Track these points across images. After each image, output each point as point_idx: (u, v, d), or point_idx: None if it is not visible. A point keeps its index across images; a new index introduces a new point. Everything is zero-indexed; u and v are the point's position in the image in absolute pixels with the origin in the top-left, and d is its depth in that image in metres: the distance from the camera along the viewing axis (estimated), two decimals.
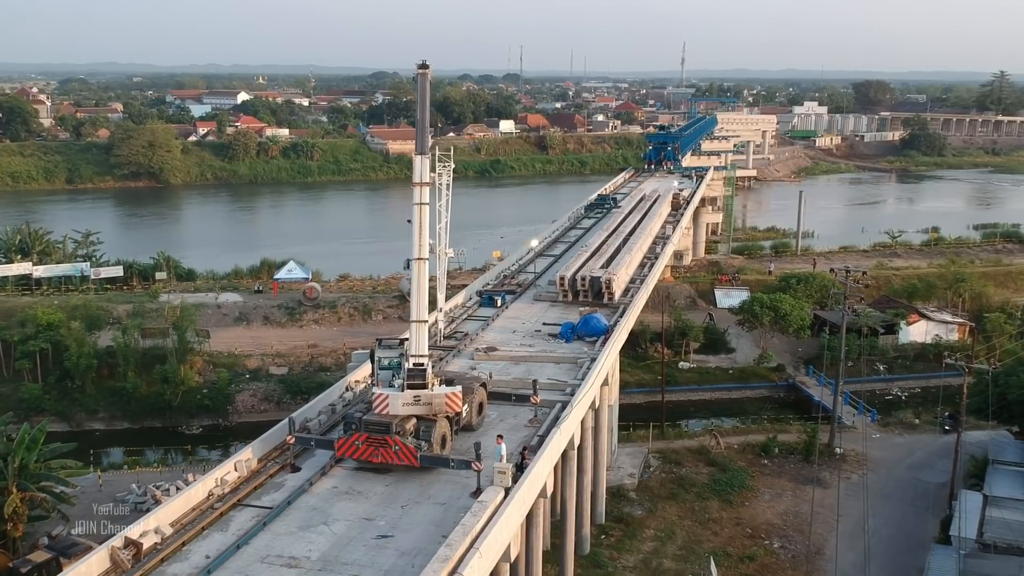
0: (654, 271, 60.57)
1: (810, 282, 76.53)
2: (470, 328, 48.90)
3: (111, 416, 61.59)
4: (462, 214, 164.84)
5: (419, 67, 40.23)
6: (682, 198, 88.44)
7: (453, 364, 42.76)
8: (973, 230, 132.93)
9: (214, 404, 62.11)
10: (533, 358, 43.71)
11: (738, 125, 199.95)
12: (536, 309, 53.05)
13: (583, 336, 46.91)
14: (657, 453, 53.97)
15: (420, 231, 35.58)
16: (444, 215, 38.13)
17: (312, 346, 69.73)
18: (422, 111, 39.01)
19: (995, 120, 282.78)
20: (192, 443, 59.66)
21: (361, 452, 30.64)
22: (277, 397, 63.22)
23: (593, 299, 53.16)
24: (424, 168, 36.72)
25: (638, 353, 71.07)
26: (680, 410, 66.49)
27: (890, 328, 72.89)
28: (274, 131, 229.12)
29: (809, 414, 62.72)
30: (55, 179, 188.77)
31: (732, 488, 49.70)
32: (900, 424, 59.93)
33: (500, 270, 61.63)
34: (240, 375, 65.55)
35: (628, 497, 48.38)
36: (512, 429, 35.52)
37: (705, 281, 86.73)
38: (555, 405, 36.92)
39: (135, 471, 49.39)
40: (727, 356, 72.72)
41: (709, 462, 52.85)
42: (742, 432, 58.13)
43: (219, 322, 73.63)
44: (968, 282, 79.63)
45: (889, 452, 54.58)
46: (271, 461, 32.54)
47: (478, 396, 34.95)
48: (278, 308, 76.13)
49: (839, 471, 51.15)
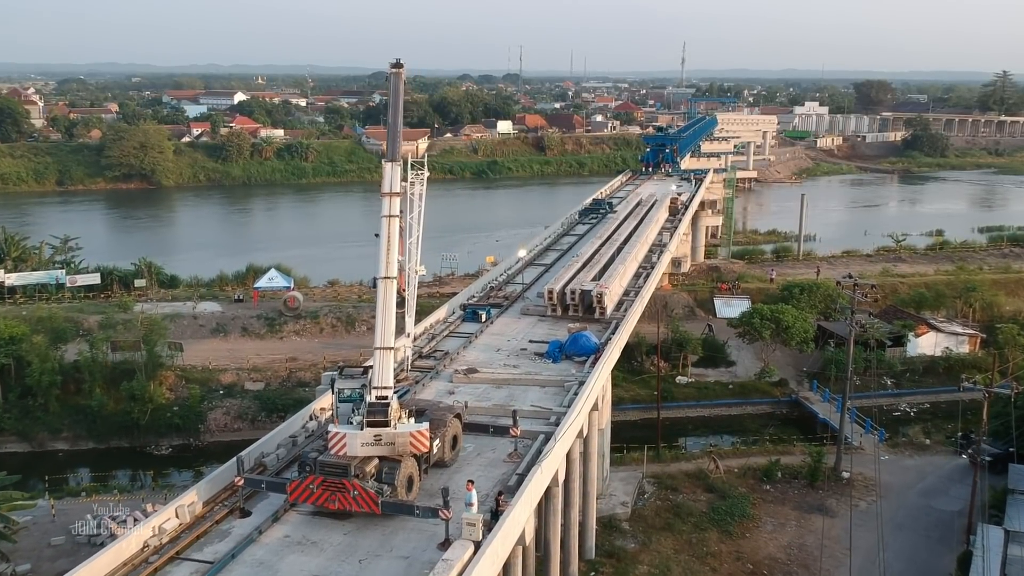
0: (649, 282, 57.24)
1: (814, 291, 73.12)
2: (451, 346, 45.56)
3: (75, 436, 58.15)
4: (457, 217, 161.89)
5: (392, 65, 37.03)
6: (680, 202, 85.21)
7: (430, 387, 39.53)
8: (978, 233, 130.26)
9: (185, 423, 58.72)
10: (517, 381, 40.40)
11: (738, 126, 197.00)
12: (523, 325, 49.73)
13: (572, 355, 43.61)
14: (652, 478, 50.66)
15: (388, 247, 32.34)
16: (416, 229, 34.63)
17: (291, 359, 66.40)
18: (394, 113, 35.86)
19: (998, 120, 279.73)
20: (161, 465, 56.52)
21: (316, 497, 27.33)
22: (252, 415, 59.88)
23: (584, 314, 49.88)
24: (394, 176, 33.59)
25: (633, 367, 67.76)
26: (677, 428, 63.23)
27: (898, 340, 69.51)
28: (269, 132, 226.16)
29: (813, 432, 59.56)
30: (45, 181, 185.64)
31: (732, 517, 46.38)
32: (910, 445, 56.54)
33: (486, 281, 58.24)
34: (214, 391, 62.20)
35: (620, 528, 45.06)
36: (490, 465, 32.28)
37: (704, 289, 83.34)
38: (538, 437, 33.64)
39: (92, 499, 46.10)
40: (727, 370, 69.37)
41: (707, 488, 49.51)
42: (742, 454, 54.73)
43: (195, 333, 70.34)
44: (979, 291, 76.17)
45: (899, 476, 51.23)
46: (220, 504, 29.24)
47: (451, 429, 31.68)
48: (257, 319, 72.80)
49: (849, 498, 47.75)
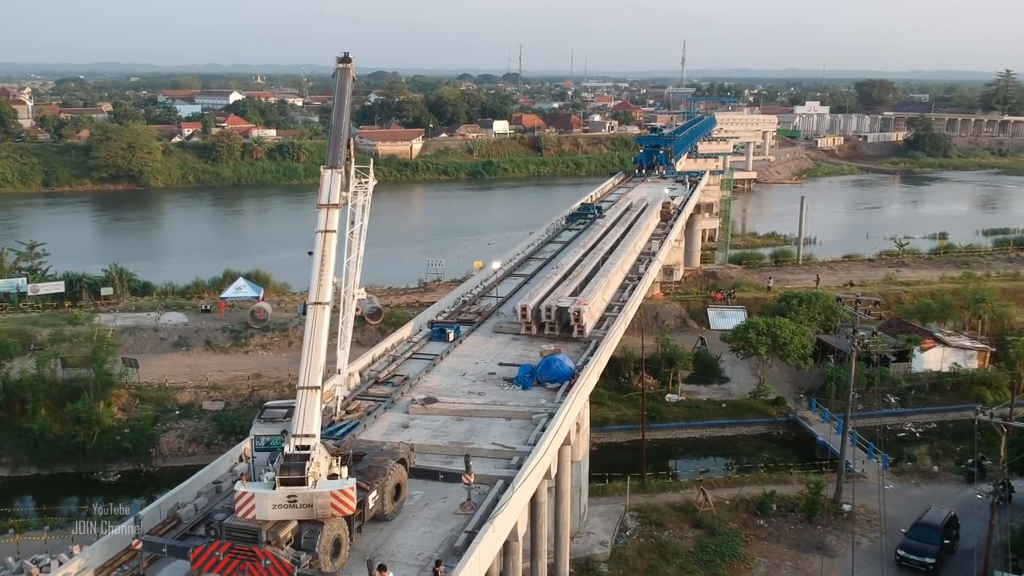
0: (635, 296, 53.02)
1: (813, 302, 68.81)
2: (413, 369, 41.38)
3: (16, 461, 53.80)
4: (450, 219, 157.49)
5: (339, 61, 32.93)
6: (673, 207, 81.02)
7: (383, 420, 35.43)
8: (983, 236, 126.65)
9: (135, 447, 54.41)
10: (480, 412, 36.23)
11: (737, 126, 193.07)
12: (494, 344, 45.55)
13: (544, 381, 39.41)
14: (636, 511, 46.45)
15: (322, 267, 28.30)
16: (356, 246, 30.41)
17: (254, 376, 62.19)
18: (338, 114, 31.78)
19: (1001, 120, 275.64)
20: (109, 492, 52.27)
21: (223, 566, 23.18)
22: (208, 438, 55.67)
23: (561, 332, 45.71)
24: (334, 185, 29.51)
25: (621, 383, 63.56)
26: (666, 450, 59.07)
27: (902, 355, 65.22)
28: (260, 132, 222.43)
29: (812, 456, 55.53)
30: (31, 182, 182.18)
31: (721, 558, 42.21)
32: (916, 472, 52.25)
33: (459, 294, 54.05)
34: (169, 411, 57.93)
35: (598, 572, 40.87)
36: (438, 518, 28.14)
37: (698, 299, 79.02)
38: (496, 483, 29.55)
39: (15, 539, 42.00)
40: (720, 386, 65.07)
41: (695, 523, 45.29)
42: (734, 483, 50.46)
43: (155, 347, 66.21)
44: (988, 302, 71.86)
45: (904, 508, 46.98)
46: (118, 569, 25.21)
47: (393, 477, 27.51)
48: (222, 331, 68.60)
49: (850, 534, 43.64)
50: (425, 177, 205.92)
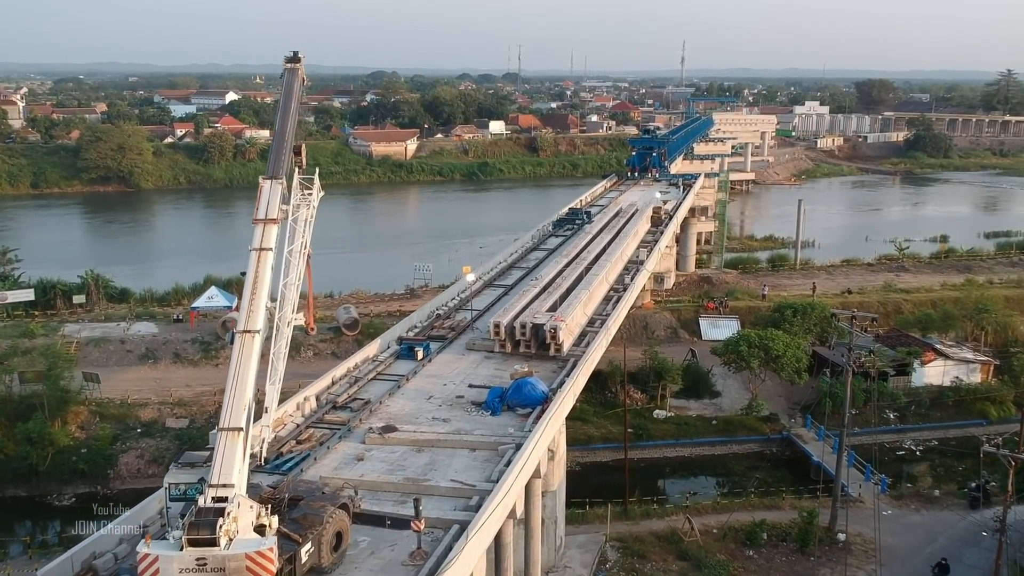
0: (619, 310, 50.10)
1: (808, 313, 65.79)
2: (376, 392, 38.55)
3: None
4: (443, 221, 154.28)
5: (287, 60, 30.28)
6: (664, 212, 78.05)
7: (336, 451, 32.60)
8: (985, 239, 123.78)
9: (91, 468, 51.48)
10: (442, 443, 33.38)
11: (736, 126, 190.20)
12: (466, 363, 42.69)
13: (514, 406, 36.61)
14: (617, 541, 43.57)
15: (254, 290, 25.58)
16: (295, 266, 27.24)
17: (222, 392, 58.94)
18: (283, 117, 29.25)
19: (1002, 120, 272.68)
20: (64, 516, 49.44)
21: None
22: (170, 458, 52.37)
23: (537, 350, 42.92)
24: (273, 198, 26.78)
25: (607, 398, 60.69)
26: (653, 469, 56.23)
27: (902, 369, 62.29)
28: (253, 132, 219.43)
29: (806, 477, 52.66)
30: (19, 183, 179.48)
31: None
32: (916, 496, 49.35)
33: (433, 307, 51.12)
34: (131, 429, 55.03)
35: None
36: (384, 569, 25.27)
37: (689, 308, 76.06)
38: (451, 528, 26.74)
39: None
40: (711, 401, 62.20)
41: (681, 554, 42.37)
42: (723, 509, 47.52)
43: (121, 360, 63.36)
44: (991, 312, 68.86)
45: (904, 537, 44.20)
46: None
47: (333, 525, 24.59)
48: (192, 343, 65.75)
49: (844, 567, 40.81)
50: (420, 178, 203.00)
